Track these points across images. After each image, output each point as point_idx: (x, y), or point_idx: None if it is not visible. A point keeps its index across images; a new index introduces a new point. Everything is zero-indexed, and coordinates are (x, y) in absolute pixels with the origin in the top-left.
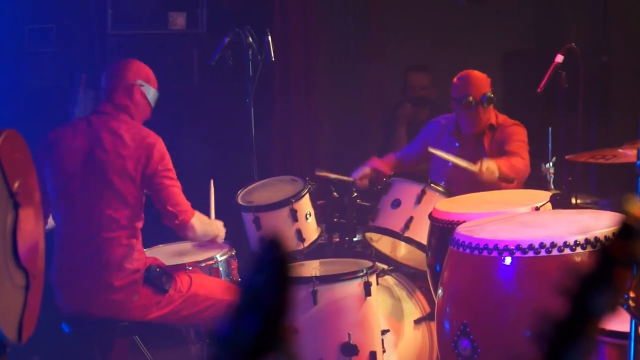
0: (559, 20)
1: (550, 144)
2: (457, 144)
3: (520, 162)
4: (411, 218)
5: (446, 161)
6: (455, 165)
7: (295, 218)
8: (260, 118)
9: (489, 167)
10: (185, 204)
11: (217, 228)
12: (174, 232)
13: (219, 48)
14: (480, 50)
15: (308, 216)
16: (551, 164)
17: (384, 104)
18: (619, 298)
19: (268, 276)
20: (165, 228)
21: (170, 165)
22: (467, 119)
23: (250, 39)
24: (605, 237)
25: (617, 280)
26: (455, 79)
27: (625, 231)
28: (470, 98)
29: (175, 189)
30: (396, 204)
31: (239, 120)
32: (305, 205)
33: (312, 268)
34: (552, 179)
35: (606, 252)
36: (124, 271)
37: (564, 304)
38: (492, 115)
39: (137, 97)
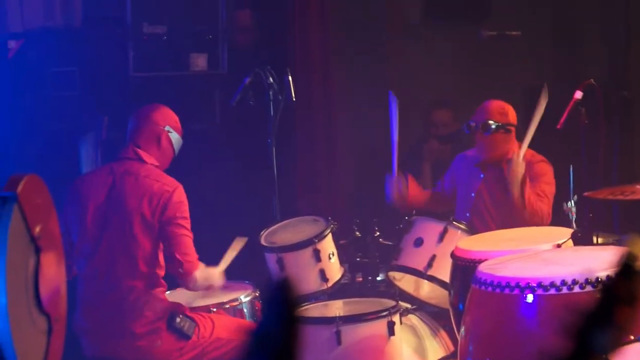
0: (578, 54)
1: (571, 183)
2: (481, 175)
3: (542, 210)
4: (434, 256)
5: (470, 192)
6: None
7: (318, 258)
8: (282, 158)
9: (520, 167)
10: (193, 255)
11: (215, 278)
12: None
13: (239, 88)
14: (501, 85)
15: (331, 256)
16: (573, 202)
17: (406, 140)
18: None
19: (278, 318)
20: None
21: (187, 214)
22: (482, 144)
23: (271, 79)
24: None
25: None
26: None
27: (625, 270)
28: (490, 122)
29: (186, 238)
30: (419, 242)
31: (262, 160)
32: (328, 245)
33: (335, 308)
34: (574, 218)
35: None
36: (146, 318)
37: (582, 341)
38: (516, 149)
39: (165, 143)
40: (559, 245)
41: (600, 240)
